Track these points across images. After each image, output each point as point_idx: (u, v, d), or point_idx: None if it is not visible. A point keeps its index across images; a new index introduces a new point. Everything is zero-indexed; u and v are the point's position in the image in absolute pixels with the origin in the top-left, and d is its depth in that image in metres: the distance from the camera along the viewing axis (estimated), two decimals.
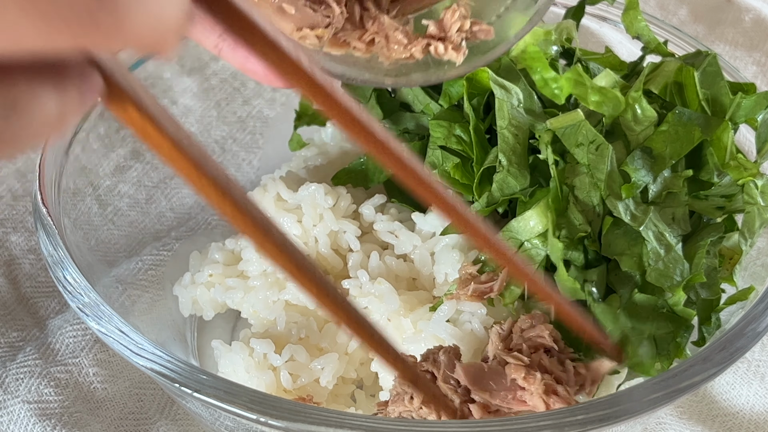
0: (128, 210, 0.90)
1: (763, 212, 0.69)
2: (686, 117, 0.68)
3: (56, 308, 0.88)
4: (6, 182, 1.01)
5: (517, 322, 0.64)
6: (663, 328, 0.65)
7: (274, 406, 0.54)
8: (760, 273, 0.71)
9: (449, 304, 0.69)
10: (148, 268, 0.84)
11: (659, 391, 0.55)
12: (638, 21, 0.79)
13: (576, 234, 0.66)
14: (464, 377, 0.59)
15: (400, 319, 0.71)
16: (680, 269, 0.66)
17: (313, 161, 0.85)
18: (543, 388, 0.58)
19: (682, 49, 0.86)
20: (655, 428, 0.79)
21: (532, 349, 0.61)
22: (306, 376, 0.71)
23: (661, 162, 0.68)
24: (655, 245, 0.65)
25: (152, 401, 0.79)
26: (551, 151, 0.67)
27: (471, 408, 0.59)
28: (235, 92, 1.07)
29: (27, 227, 0.96)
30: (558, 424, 0.53)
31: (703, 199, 0.71)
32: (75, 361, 0.79)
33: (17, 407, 0.76)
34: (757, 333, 0.60)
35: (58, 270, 0.65)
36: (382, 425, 0.53)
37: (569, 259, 0.67)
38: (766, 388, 0.81)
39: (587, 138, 0.66)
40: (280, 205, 0.79)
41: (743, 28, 1.27)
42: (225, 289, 0.78)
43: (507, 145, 0.69)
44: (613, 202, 0.66)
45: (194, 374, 0.56)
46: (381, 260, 0.75)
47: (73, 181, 0.78)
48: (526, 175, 0.69)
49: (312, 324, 0.74)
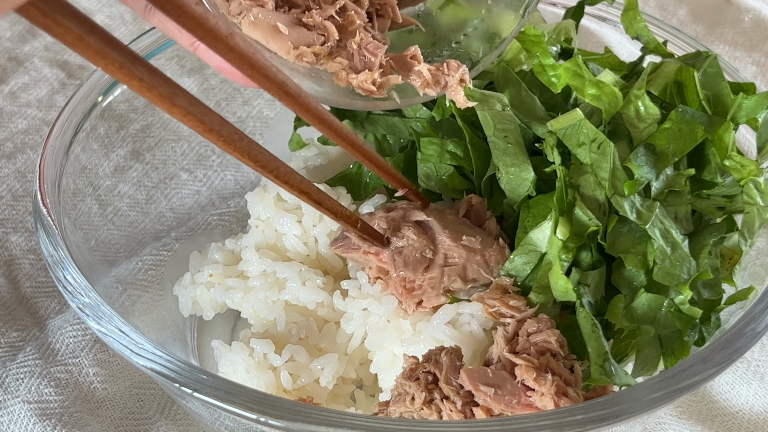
0: (128, 210, 0.90)
1: (763, 212, 0.69)
2: (689, 115, 0.69)
3: (56, 308, 0.88)
4: (6, 182, 1.01)
5: (524, 326, 0.64)
6: (669, 327, 0.65)
7: (274, 405, 0.54)
8: (759, 273, 0.71)
9: (449, 306, 0.69)
10: (148, 268, 0.84)
11: (659, 391, 0.55)
12: (638, 21, 0.79)
13: (586, 230, 0.66)
14: (468, 382, 0.59)
15: (399, 321, 0.71)
16: (687, 267, 0.66)
17: (313, 161, 0.85)
18: (555, 389, 0.58)
19: (682, 50, 0.86)
20: (655, 428, 0.79)
21: (539, 353, 0.61)
22: (306, 377, 0.71)
23: (664, 159, 0.68)
24: (662, 243, 0.65)
25: (152, 401, 0.79)
26: (557, 153, 0.67)
27: (474, 411, 0.59)
28: (235, 92, 1.07)
29: (27, 227, 0.96)
30: (558, 424, 0.53)
31: (705, 198, 0.71)
32: (75, 361, 0.80)
33: (17, 407, 0.76)
34: (757, 333, 0.60)
35: (58, 270, 0.65)
36: (382, 425, 0.53)
37: (578, 259, 0.67)
38: (765, 387, 0.81)
39: (588, 137, 0.66)
40: (280, 205, 0.79)
41: (743, 28, 1.27)
42: (225, 289, 0.78)
43: (499, 150, 0.70)
44: (618, 200, 0.66)
45: (194, 374, 0.56)
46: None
47: (73, 181, 0.78)
48: (528, 168, 0.69)
49: (312, 324, 0.74)
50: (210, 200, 0.97)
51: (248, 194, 0.81)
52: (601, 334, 0.63)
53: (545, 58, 0.70)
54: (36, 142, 1.06)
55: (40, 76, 1.16)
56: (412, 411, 0.61)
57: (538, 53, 0.70)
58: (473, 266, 0.69)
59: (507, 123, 0.69)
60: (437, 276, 0.69)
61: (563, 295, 0.64)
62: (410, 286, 0.70)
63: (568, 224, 0.66)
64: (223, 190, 0.99)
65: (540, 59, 0.70)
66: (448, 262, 0.69)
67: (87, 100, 0.80)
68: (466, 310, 0.69)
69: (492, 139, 0.70)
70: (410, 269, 0.69)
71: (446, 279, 0.69)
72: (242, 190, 0.95)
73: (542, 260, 0.67)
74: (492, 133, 0.69)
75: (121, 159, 0.91)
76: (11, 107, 1.11)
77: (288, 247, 0.78)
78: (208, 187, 0.98)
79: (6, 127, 1.08)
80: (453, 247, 0.70)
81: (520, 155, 0.69)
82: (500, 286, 0.68)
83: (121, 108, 0.88)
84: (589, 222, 0.66)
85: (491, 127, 0.69)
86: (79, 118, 0.78)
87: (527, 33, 0.69)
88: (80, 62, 1.20)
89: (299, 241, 0.78)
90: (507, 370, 0.61)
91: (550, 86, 0.70)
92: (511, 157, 0.69)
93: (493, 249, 0.70)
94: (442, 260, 0.70)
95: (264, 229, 0.79)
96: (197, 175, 0.99)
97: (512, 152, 0.69)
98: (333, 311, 0.75)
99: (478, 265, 0.69)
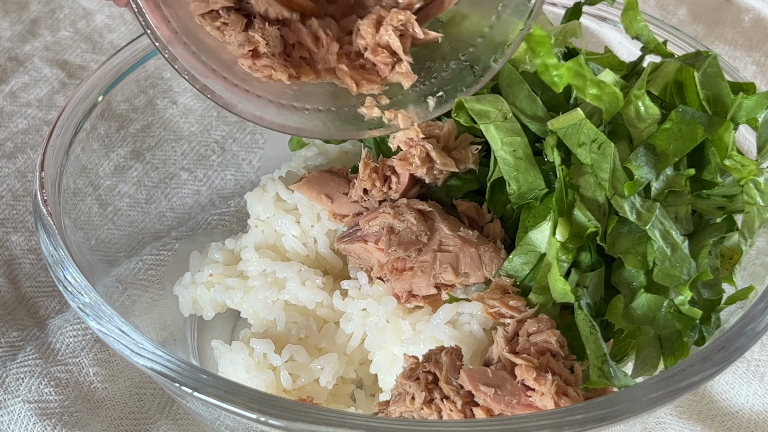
0: (128, 210, 0.90)
1: (763, 212, 0.69)
2: (689, 115, 0.69)
3: (56, 308, 0.88)
4: (6, 182, 1.01)
5: (524, 326, 0.64)
6: (668, 327, 0.65)
7: (274, 405, 0.54)
8: (759, 272, 0.71)
9: (449, 306, 0.69)
10: (148, 268, 0.84)
11: (658, 391, 0.55)
12: (637, 21, 0.79)
13: (585, 231, 0.66)
14: (468, 382, 0.59)
15: (399, 321, 0.71)
16: (687, 268, 0.66)
17: (313, 161, 0.85)
18: (555, 388, 0.58)
19: (682, 49, 0.86)
20: (655, 428, 0.79)
21: (539, 353, 0.61)
22: (306, 376, 0.71)
23: (664, 159, 0.68)
24: (662, 244, 0.65)
25: (152, 401, 0.79)
26: (557, 154, 0.67)
27: (474, 411, 0.59)
28: None
29: (27, 227, 0.96)
30: (557, 424, 0.53)
31: (705, 198, 0.71)
32: (75, 361, 0.80)
33: (17, 407, 0.76)
34: (757, 332, 0.60)
35: (59, 270, 0.65)
36: (382, 425, 0.53)
37: (578, 260, 0.67)
38: (765, 387, 0.81)
39: (589, 137, 0.66)
40: (279, 205, 0.79)
41: (742, 28, 1.27)
42: (225, 289, 0.78)
43: (509, 167, 0.69)
44: (618, 201, 0.66)
45: (194, 374, 0.56)
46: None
47: (73, 181, 0.78)
48: (540, 182, 0.69)
49: (311, 324, 0.74)
50: (210, 200, 0.97)
51: (248, 194, 0.81)
52: (599, 336, 0.63)
53: (549, 57, 0.70)
54: (36, 141, 1.06)
55: (40, 76, 1.16)
56: (412, 411, 0.61)
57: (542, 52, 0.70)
58: (466, 259, 0.69)
59: (513, 135, 0.69)
60: (429, 260, 0.70)
61: (561, 296, 0.64)
62: (401, 266, 0.70)
63: (567, 225, 0.66)
64: (223, 189, 0.99)
65: (544, 59, 0.70)
66: (441, 248, 0.70)
67: (87, 100, 0.80)
68: (465, 310, 0.69)
69: (500, 153, 0.70)
70: (402, 248, 0.70)
71: (438, 265, 0.69)
72: (242, 190, 0.95)
73: (542, 260, 0.67)
74: (499, 147, 0.69)
75: (121, 159, 0.91)
76: (11, 107, 1.11)
77: (287, 248, 0.78)
78: (208, 187, 0.99)
79: (6, 127, 1.08)
80: (449, 235, 0.70)
81: (531, 170, 0.69)
82: (500, 286, 0.68)
83: (121, 108, 0.88)
84: (588, 223, 0.66)
85: (497, 141, 0.69)
86: (79, 117, 0.78)
87: (533, 33, 0.69)
88: (80, 62, 1.20)
89: (298, 241, 0.78)
90: (507, 370, 0.61)
91: (551, 86, 0.70)
92: (523, 174, 0.69)
93: (488, 246, 0.70)
94: (437, 246, 0.70)
95: (263, 229, 0.79)
96: (197, 174, 0.99)
97: (523, 168, 0.69)
98: (332, 311, 0.75)
99: (471, 258, 0.69)
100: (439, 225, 0.71)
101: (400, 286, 0.71)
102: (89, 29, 1.25)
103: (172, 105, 1.02)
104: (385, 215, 0.71)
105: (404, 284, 0.70)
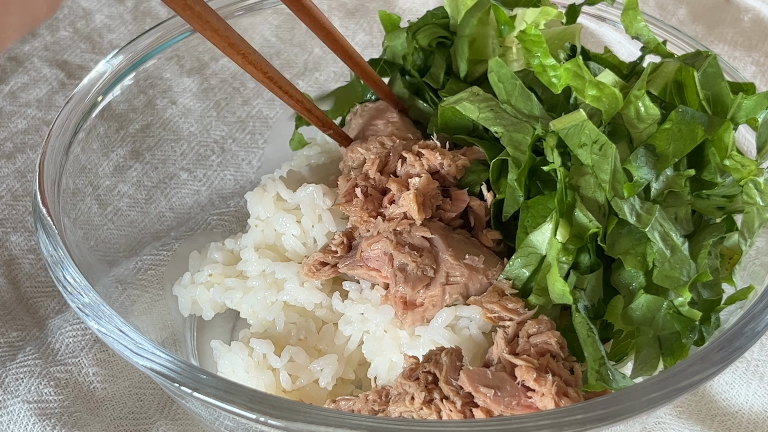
0: (128, 210, 0.90)
1: (763, 212, 0.69)
2: (689, 115, 0.68)
3: (56, 308, 0.88)
4: (6, 182, 1.01)
5: (524, 327, 0.64)
6: (668, 328, 0.65)
7: (274, 405, 0.54)
8: (759, 272, 0.71)
9: (448, 310, 0.69)
10: (148, 268, 0.84)
11: (658, 391, 0.55)
12: (637, 21, 0.79)
13: (586, 232, 0.65)
14: (468, 383, 0.59)
15: (397, 331, 0.70)
16: (687, 270, 0.66)
17: (316, 159, 0.85)
18: (556, 389, 0.58)
19: (681, 49, 0.86)
20: (655, 428, 0.79)
21: (539, 354, 0.61)
22: (305, 377, 0.71)
23: (664, 160, 0.68)
24: (661, 246, 0.65)
25: (152, 401, 0.79)
26: (557, 154, 0.67)
27: (474, 411, 0.59)
28: (235, 92, 1.07)
29: (27, 227, 0.96)
30: (557, 424, 0.53)
31: (705, 198, 0.71)
32: (75, 361, 0.80)
33: (17, 407, 0.76)
34: (756, 332, 0.60)
35: (58, 270, 0.65)
36: (381, 425, 0.53)
37: (577, 262, 0.67)
38: (765, 387, 0.81)
39: (590, 138, 0.66)
40: (279, 205, 0.79)
41: (742, 28, 1.27)
42: (224, 289, 0.78)
43: (490, 112, 0.72)
44: (618, 203, 0.66)
45: (194, 374, 0.56)
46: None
47: (73, 181, 0.78)
48: (536, 109, 0.72)
49: (311, 325, 0.74)
50: (210, 200, 0.97)
51: (248, 194, 0.81)
52: (597, 338, 0.63)
53: (545, 58, 0.70)
54: (36, 142, 1.06)
55: (39, 76, 1.16)
56: (411, 411, 0.61)
57: (538, 53, 0.70)
58: (475, 285, 0.69)
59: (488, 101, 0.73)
60: (438, 294, 0.69)
61: (560, 297, 0.64)
62: (410, 301, 0.69)
63: (568, 226, 0.66)
64: (223, 189, 0.99)
65: (540, 60, 0.70)
66: (449, 280, 0.69)
67: (87, 100, 0.80)
68: (464, 314, 0.68)
69: (481, 118, 0.72)
70: (410, 286, 0.69)
71: (448, 297, 0.69)
72: (242, 190, 0.95)
73: (542, 262, 0.67)
74: (477, 116, 0.72)
75: (120, 159, 0.91)
76: (11, 107, 1.11)
77: (287, 247, 0.78)
78: (207, 187, 0.99)
79: (6, 127, 1.08)
80: (455, 265, 0.69)
81: (521, 99, 0.73)
82: (497, 289, 0.68)
83: (120, 108, 0.88)
84: (589, 224, 0.66)
85: (475, 111, 0.73)
86: (78, 117, 0.78)
87: (527, 33, 0.69)
88: (80, 62, 1.20)
89: (298, 241, 0.77)
90: (507, 371, 0.61)
91: (550, 87, 0.70)
92: (507, 123, 0.71)
93: (496, 269, 0.70)
94: (444, 278, 0.69)
95: (263, 229, 0.79)
96: (197, 174, 0.99)
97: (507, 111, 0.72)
98: (331, 312, 0.75)
99: (480, 284, 0.69)
100: (444, 256, 0.70)
101: (411, 320, 0.70)
102: (89, 29, 1.25)
103: (172, 105, 1.02)
104: (386, 241, 0.70)
105: (416, 318, 0.70)
